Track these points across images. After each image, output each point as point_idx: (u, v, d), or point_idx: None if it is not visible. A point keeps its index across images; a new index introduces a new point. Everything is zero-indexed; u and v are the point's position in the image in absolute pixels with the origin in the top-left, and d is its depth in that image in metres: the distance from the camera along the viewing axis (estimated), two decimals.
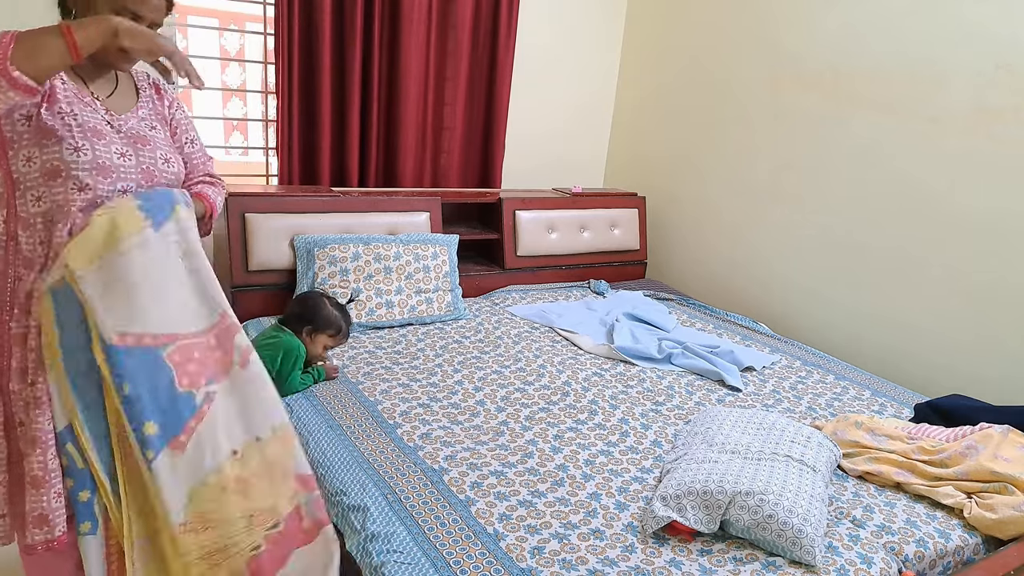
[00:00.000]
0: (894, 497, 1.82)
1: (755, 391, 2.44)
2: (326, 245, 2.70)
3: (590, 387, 2.34)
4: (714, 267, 3.60)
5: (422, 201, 3.09)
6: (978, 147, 2.52)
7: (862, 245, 2.91)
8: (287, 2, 2.91)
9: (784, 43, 3.15)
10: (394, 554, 1.47)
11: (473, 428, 2.01)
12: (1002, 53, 2.43)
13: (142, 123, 1.53)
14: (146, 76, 1.62)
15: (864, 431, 2.04)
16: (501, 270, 3.36)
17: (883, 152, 2.81)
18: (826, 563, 1.53)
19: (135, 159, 1.46)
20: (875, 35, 2.80)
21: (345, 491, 1.68)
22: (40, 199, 1.36)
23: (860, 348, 2.93)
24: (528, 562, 1.48)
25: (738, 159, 3.41)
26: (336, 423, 1.99)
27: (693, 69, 3.60)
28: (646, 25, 3.84)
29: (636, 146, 3.97)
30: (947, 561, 1.67)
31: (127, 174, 1.45)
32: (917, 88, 2.68)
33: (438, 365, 2.41)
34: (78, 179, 1.38)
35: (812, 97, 3.06)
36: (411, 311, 2.77)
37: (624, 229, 3.69)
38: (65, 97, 1.39)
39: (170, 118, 1.64)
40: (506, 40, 3.44)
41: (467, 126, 3.54)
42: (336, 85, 3.11)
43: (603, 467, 1.87)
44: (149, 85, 1.62)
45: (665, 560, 1.52)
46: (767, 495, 1.56)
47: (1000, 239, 2.49)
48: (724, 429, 1.91)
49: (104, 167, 1.41)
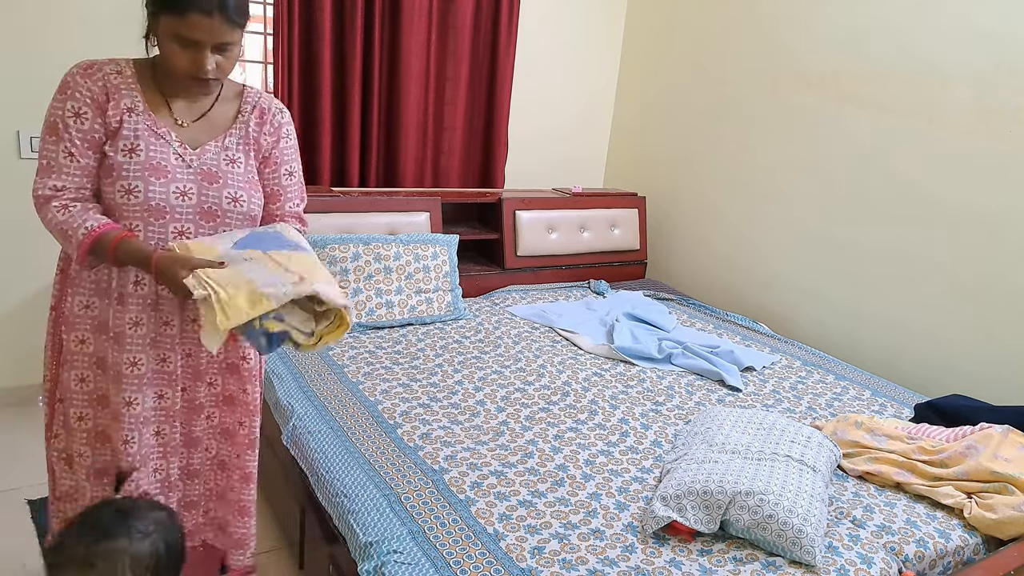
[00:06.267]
0: (894, 497, 1.82)
1: (755, 391, 2.43)
2: (326, 245, 2.70)
3: (590, 387, 2.34)
4: (714, 267, 3.59)
5: (422, 201, 3.09)
6: (978, 147, 2.52)
7: (862, 245, 2.91)
8: (287, 2, 2.91)
9: (784, 43, 3.15)
10: (394, 554, 1.47)
11: (473, 428, 2.01)
12: (1002, 53, 2.43)
13: (223, 155, 1.48)
14: (257, 97, 1.56)
15: (864, 431, 2.04)
16: (501, 270, 3.36)
17: (883, 152, 2.81)
18: (826, 563, 1.53)
19: (196, 198, 1.44)
20: (875, 35, 2.80)
21: (345, 491, 1.68)
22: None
23: (860, 348, 2.93)
24: (528, 562, 1.48)
25: (738, 159, 3.41)
26: (336, 423, 1.99)
27: (693, 69, 3.59)
28: (646, 25, 3.84)
29: (636, 146, 3.97)
30: (947, 561, 1.67)
31: (183, 214, 1.43)
32: (917, 88, 2.68)
33: (438, 365, 2.41)
34: (128, 219, 1.41)
35: (812, 97, 3.05)
36: (411, 311, 2.77)
37: (624, 229, 3.69)
38: (133, 131, 1.39)
39: (267, 146, 1.57)
40: (506, 40, 3.44)
41: (468, 126, 3.54)
42: (336, 85, 3.11)
43: (603, 467, 1.87)
44: (253, 108, 1.55)
45: (665, 560, 1.52)
46: (767, 495, 1.56)
47: (1000, 239, 2.48)
48: (724, 429, 1.91)
49: (156, 209, 1.41)
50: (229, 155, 1.49)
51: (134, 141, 1.38)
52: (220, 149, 1.48)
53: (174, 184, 1.41)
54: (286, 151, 1.61)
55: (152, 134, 1.40)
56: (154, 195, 1.39)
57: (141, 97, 1.42)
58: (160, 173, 1.39)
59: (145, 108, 1.41)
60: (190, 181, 1.43)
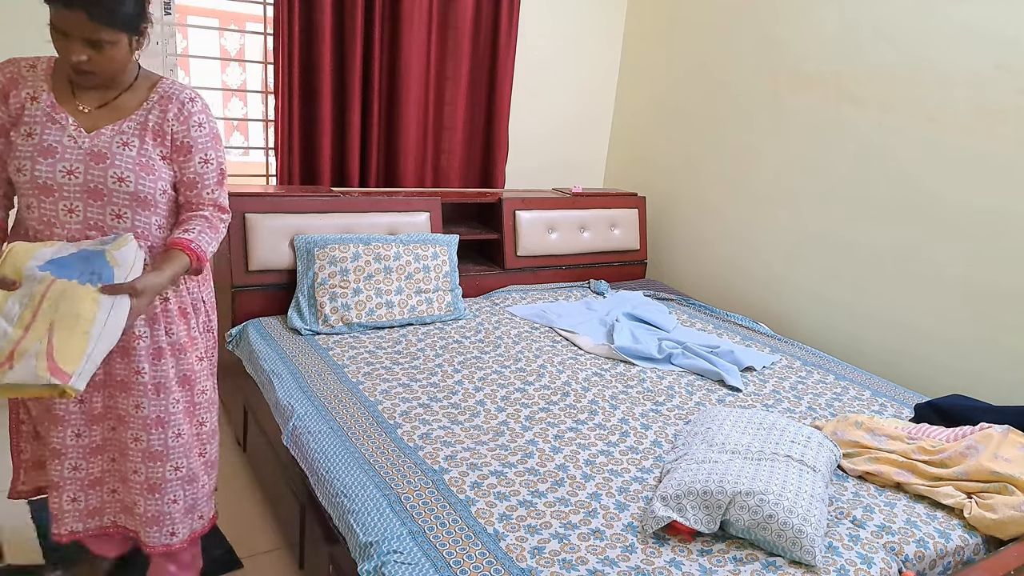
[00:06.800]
0: (894, 497, 1.82)
1: (755, 391, 2.44)
2: (326, 245, 2.70)
3: (590, 387, 2.35)
4: (714, 267, 3.59)
5: (422, 201, 3.09)
6: (978, 147, 2.52)
7: (862, 245, 2.91)
8: (287, 2, 2.91)
9: (784, 43, 3.15)
10: (394, 554, 1.47)
11: (473, 428, 2.01)
12: (1002, 53, 2.43)
13: (116, 138, 1.55)
14: (168, 87, 1.60)
15: (864, 431, 2.04)
16: (501, 270, 3.36)
17: (883, 152, 2.81)
18: (826, 563, 1.53)
19: (83, 177, 1.52)
20: (875, 35, 2.80)
21: (345, 491, 1.68)
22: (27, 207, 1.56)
23: (860, 348, 2.93)
24: (528, 562, 1.48)
25: (738, 159, 3.41)
26: (336, 423, 1.99)
27: (693, 69, 3.59)
28: (646, 25, 3.84)
29: (636, 146, 3.97)
30: (947, 561, 1.67)
31: (71, 193, 1.52)
32: (917, 88, 2.68)
33: (438, 365, 2.41)
34: (26, 197, 1.53)
35: (812, 97, 3.06)
36: (411, 311, 2.77)
37: (624, 229, 3.69)
38: (31, 117, 1.51)
39: (178, 135, 1.59)
40: (507, 40, 3.44)
41: (468, 126, 3.54)
42: (336, 85, 3.12)
43: (603, 467, 1.87)
44: (160, 97, 1.59)
45: (665, 560, 1.52)
46: (767, 495, 1.56)
47: (1000, 239, 2.48)
48: (724, 429, 1.91)
49: (44, 187, 1.51)
50: (123, 139, 1.55)
51: (32, 126, 1.50)
52: (115, 133, 1.55)
53: (61, 163, 1.50)
54: (199, 140, 1.62)
55: (49, 119, 1.51)
56: (40, 173, 1.49)
57: (47, 87, 1.53)
58: (48, 153, 1.49)
59: (49, 96, 1.52)
60: (78, 161, 1.51)
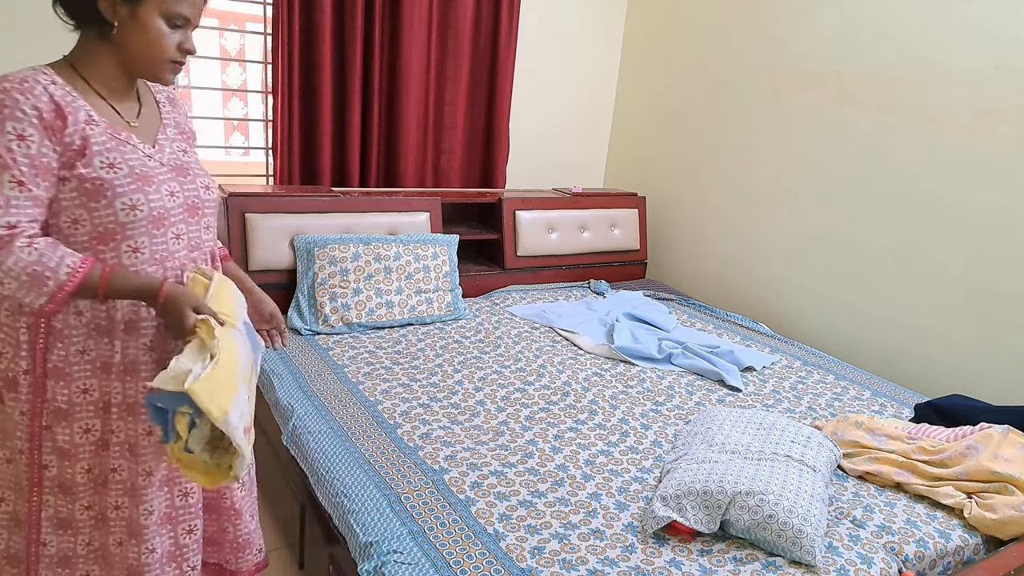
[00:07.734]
0: (894, 497, 1.82)
1: (755, 391, 2.43)
2: (326, 245, 2.70)
3: (590, 387, 2.34)
4: (714, 267, 3.59)
5: (422, 201, 3.09)
6: (978, 147, 2.52)
7: (862, 245, 2.91)
8: (286, 2, 2.90)
9: (784, 43, 3.15)
10: (394, 554, 1.47)
11: (473, 428, 2.01)
12: (1002, 53, 2.43)
13: (173, 145, 1.39)
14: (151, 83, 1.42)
15: (864, 431, 2.04)
16: (501, 270, 3.36)
17: (883, 152, 2.81)
18: (826, 563, 1.53)
19: (182, 196, 1.34)
20: (875, 35, 2.80)
21: (345, 491, 1.68)
22: None
23: (860, 348, 2.93)
24: (528, 562, 1.48)
25: (738, 159, 3.41)
26: (336, 423, 1.99)
27: (693, 69, 3.59)
28: (647, 25, 3.84)
29: (636, 146, 3.97)
30: (947, 561, 1.67)
31: (177, 216, 1.34)
32: (917, 88, 2.68)
33: (438, 365, 2.41)
34: (131, 239, 1.27)
35: (812, 97, 3.05)
36: (411, 311, 2.77)
37: (624, 229, 3.69)
38: (103, 144, 1.25)
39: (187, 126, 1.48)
40: (507, 40, 3.44)
41: (468, 126, 3.54)
42: (336, 85, 3.11)
43: (603, 467, 1.87)
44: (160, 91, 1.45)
45: (665, 560, 1.52)
46: (767, 495, 1.56)
47: (1000, 239, 2.48)
48: (724, 429, 1.91)
49: (158, 218, 1.29)
50: (180, 145, 1.41)
51: (106, 155, 1.24)
52: (168, 140, 1.38)
53: (164, 186, 1.31)
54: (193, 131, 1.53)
55: (115, 141, 1.27)
56: (155, 203, 1.29)
57: (84, 103, 1.25)
58: (147, 180, 1.28)
59: (99, 115, 1.26)
60: (170, 180, 1.33)
